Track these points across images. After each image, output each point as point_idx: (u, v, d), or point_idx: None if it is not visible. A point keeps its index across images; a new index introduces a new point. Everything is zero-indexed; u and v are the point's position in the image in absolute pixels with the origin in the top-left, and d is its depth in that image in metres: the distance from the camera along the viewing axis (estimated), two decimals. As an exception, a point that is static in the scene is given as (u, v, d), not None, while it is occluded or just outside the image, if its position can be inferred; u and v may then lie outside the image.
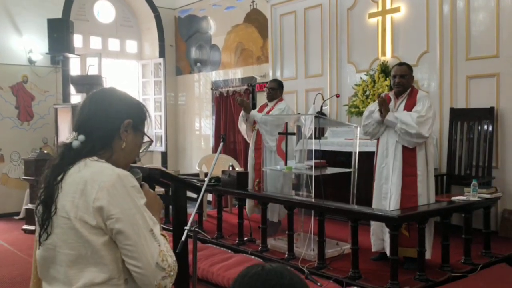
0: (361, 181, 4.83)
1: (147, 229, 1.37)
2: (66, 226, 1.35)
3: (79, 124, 1.48)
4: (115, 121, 1.48)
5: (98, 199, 1.33)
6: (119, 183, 1.36)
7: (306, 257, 4.34)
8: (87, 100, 1.52)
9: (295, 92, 7.27)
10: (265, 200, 4.79)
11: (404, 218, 3.86)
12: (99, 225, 1.33)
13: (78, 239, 1.34)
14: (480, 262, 4.16)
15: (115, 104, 1.50)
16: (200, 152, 9.05)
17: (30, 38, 7.79)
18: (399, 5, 6.06)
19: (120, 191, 1.35)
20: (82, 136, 1.45)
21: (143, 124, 1.57)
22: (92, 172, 1.38)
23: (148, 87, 9.73)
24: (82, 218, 1.33)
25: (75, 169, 1.40)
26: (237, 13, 8.29)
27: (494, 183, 5.03)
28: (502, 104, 5.23)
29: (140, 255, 1.34)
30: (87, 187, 1.35)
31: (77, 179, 1.38)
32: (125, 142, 1.49)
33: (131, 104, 1.55)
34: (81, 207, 1.34)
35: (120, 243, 1.35)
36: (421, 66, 5.83)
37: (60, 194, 1.38)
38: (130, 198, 1.36)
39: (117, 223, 1.33)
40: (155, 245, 1.36)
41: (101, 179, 1.35)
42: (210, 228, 5.61)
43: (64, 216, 1.36)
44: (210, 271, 4.33)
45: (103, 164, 1.42)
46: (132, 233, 1.34)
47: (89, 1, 9.00)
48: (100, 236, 1.34)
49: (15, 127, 7.74)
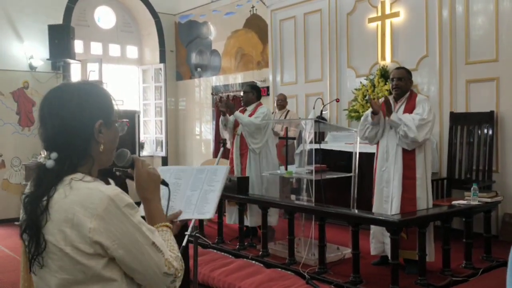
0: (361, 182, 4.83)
1: (149, 244, 1.31)
2: (60, 254, 1.28)
3: (47, 142, 1.36)
4: (86, 129, 1.35)
5: (94, 230, 1.24)
6: (112, 205, 1.27)
7: (307, 262, 4.33)
8: (45, 111, 1.36)
9: (295, 97, 7.29)
10: (266, 205, 4.78)
11: (405, 223, 3.86)
12: (96, 252, 1.27)
13: (75, 265, 1.27)
14: (481, 267, 4.15)
15: (79, 110, 1.34)
16: (200, 156, 9.06)
17: (31, 44, 7.82)
18: (399, 10, 6.09)
19: (115, 214, 1.27)
20: (55, 154, 1.33)
21: (113, 112, 1.43)
22: (81, 198, 1.27)
23: (149, 92, 9.75)
24: (77, 247, 1.26)
25: (61, 194, 1.29)
26: (237, 19, 8.32)
27: (494, 187, 5.03)
28: (502, 108, 5.24)
29: (146, 271, 1.31)
30: (78, 216, 1.25)
31: (65, 206, 1.27)
32: (103, 144, 1.38)
33: (94, 100, 1.38)
34: (74, 237, 1.25)
35: (124, 266, 1.31)
36: (421, 71, 5.84)
37: (48, 223, 1.28)
38: (126, 218, 1.29)
39: (119, 250, 1.27)
40: (159, 256, 1.33)
41: (92, 205, 1.25)
42: (210, 233, 5.61)
43: (55, 245, 1.27)
44: (211, 276, 4.32)
45: (90, 185, 1.30)
46: (135, 254, 1.29)
47: (89, 7, 9.04)
48: (99, 260, 1.28)
49: (16, 133, 7.76)
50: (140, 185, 1.51)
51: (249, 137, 5.32)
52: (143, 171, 1.52)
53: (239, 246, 4.96)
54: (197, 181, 1.91)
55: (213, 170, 1.94)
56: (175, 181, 1.94)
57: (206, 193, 1.86)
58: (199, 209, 1.82)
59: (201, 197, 1.85)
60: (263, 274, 4.21)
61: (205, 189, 1.87)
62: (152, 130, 9.75)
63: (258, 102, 5.54)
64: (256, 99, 5.52)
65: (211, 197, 1.84)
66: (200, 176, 1.93)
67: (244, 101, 5.55)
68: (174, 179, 1.94)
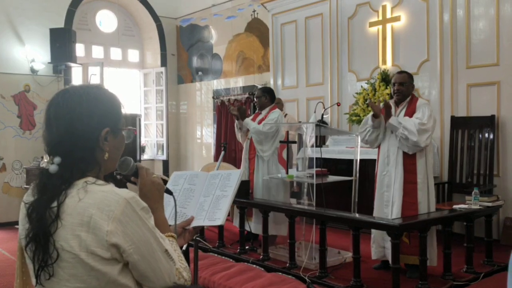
0: (363, 188, 4.83)
1: (162, 251, 1.30)
2: (73, 261, 1.23)
3: (52, 146, 1.32)
4: (92, 136, 1.31)
5: (111, 233, 1.21)
6: (128, 208, 1.25)
7: (308, 266, 4.33)
8: (51, 114, 1.33)
9: (296, 101, 7.29)
10: (267, 209, 4.78)
11: (405, 227, 3.86)
12: (113, 256, 1.24)
13: (89, 272, 1.23)
14: (482, 271, 4.15)
15: (87, 115, 1.31)
16: (201, 160, 9.06)
17: (32, 48, 7.84)
18: (399, 14, 6.09)
19: (132, 217, 1.25)
20: (58, 159, 1.29)
21: (121, 120, 1.39)
22: (96, 201, 1.24)
23: (150, 96, 9.77)
24: (93, 252, 1.22)
25: (74, 198, 1.25)
26: (238, 23, 8.33)
27: (495, 191, 5.02)
28: (503, 112, 5.24)
29: (158, 279, 1.30)
30: (95, 218, 1.22)
31: (79, 209, 1.23)
32: (108, 152, 1.35)
33: (103, 106, 1.35)
34: (90, 241, 1.22)
35: (136, 272, 1.28)
36: (422, 75, 5.85)
37: (59, 229, 1.23)
38: (142, 222, 1.27)
39: (135, 254, 1.25)
40: (171, 264, 1.32)
41: (109, 208, 1.23)
42: (211, 237, 5.60)
43: (69, 251, 1.23)
44: (212, 280, 4.32)
45: (104, 188, 1.27)
46: (149, 260, 1.27)
47: (91, 11, 9.07)
48: (115, 265, 1.25)
49: (17, 136, 7.77)
50: (144, 194, 1.47)
51: (258, 145, 5.23)
52: (147, 180, 1.49)
53: (239, 250, 4.95)
54: (210, 186, 1.86)
55: (227, 175, 1.89)
56: (189, 186, 1.89)
57: (218, 198, 1.81)
58: (210, 216, 1.77)
59: (213, 203, 1.80)
60: (264, 278, 4.21)
61: (218, 194, 1.83)
62: (153, 133, 9.76)
63: (272, 105, 5.40)
64: (269, 102, 5.38)
65: (222, 202, 1.80)
66: (213, 181, 1.88)
67: (258, 106, 5.43)
68: (188, 184, 1.90)
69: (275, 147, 5.32)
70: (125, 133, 1.43)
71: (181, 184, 1.91)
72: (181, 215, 1.78)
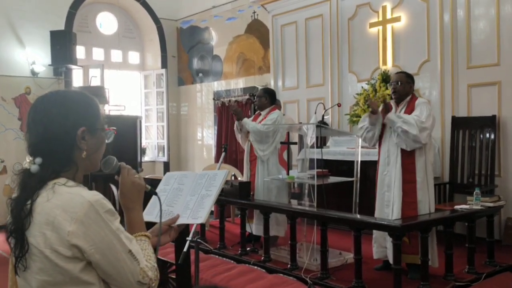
0: (364, 189, 4.82)
1: (125, 251, 1.35)
2: (40, 256, 1.32)
3: (32, 147, 1.40)
4: (68, 136, 1.39)
5: (72, 234, 1.28)
6: (92, 211, 1.31)
7: (309, 267, 4.32)
8: (30, 119, 1.41)
9: (296, 102, 7.29)
10: (268, 210, 4.77)
11: (407, 227, 3.85)
12: (74, 255, 1.31)
13: (54, 267, 1.31)
14: (484, 271, 4.13)
15: (62, 116, 1.38)
16: (202, 162, 9.06)
17: (33, 50, 7.85)
18: (400, 15, 6.09)
19: (94, 219, 1.31)
20: (39, 159, 1.38)
21: (98, 120, 1.46)
22: (62, 202, 1.31)
23: (151, 98, 9.77)
24: (56, 250, 1.30)
25: (43, 198, 1.33)
26: (239, 24, 8.34)
27: (497, 192, 5.01)
28: (504, 112, 5.23)
29: (121, 278, 1.35)
30: (58, 219, 1.29)
31: (47, 209, 1.31)
32: (85, 151, 1.41)
33: (79, 107, 1.42)
34: (53, 240, 1.30)
35: (100, 271, 1.34)
36: (422, 75, 5.84)
37: (31, 225, 1.32)
38: (105, 224, 1.32)
39: (96, 254, 1.31)
40: (134, 264, 1.37)
41: (73, 209, 1.30)
42: (212, 238, 5.59)
43: (36, 247, 1.32)
44: (213, 282, 4.31)
45: (72, 190, 1.35)
46: (111, 260, 1.33)
47: (91, 13, 9.08)
48: (76, 263, 1.32)
49: (17, 139, 7.77)
50: (123, 193, 1.54)
51: (256, 144, 5.22)
52: (127, 180, 1.54)
53: (241, 251, 4.95)
54: (197, 186, 1.93)
55: (213, 175, 1.96)
56: (178, 186, 1.96)
57: (203, 197, 1.88)
58: (194, 214, 1.83)
59: (198, 202, 1.87)
60: (265, 280, 4.20)
61: (203, 193, 1.89)
62: (154, 135, 9.77)
63: (272, 106, 5.40)
64: (269, 103, 5.37)
65: (206, 202, 1.85)
66: (200, 181, 1.94)
67: (257, 105, 5.43)
68: (178, 184, 1.97)
69: (274, 148, 5.30)
70: (105, 133, 1.49)
71: (171, 183, 1.98)
72: (168, 213, 1.84)
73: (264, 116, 5.33)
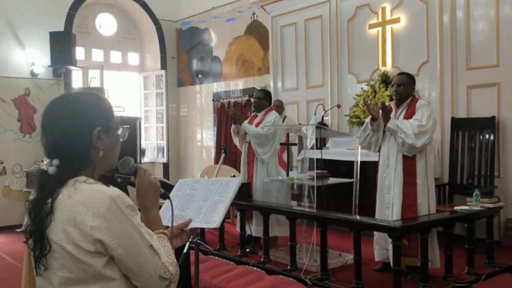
0: (364, 190, 4.82)
1: (146, 246, 1.37)
2: (62, 252, 1.34)
3: (48, 149, 1.43)
4: (85, 136, 1.41)
5: (95, 228, 1.30)
6: (113, 206, 1.33)
7: (309, 268, 4.32)
8: (45, 122, 1.44)
9: (296, 103, 7.29)
10: (267, 211, 4.77)
11: (407, 229, 3.85)
12: (98, 250, 1.32)
13: (76, 263, 1.33)
14: (484, 272, 4.13)
15: (77, 118, 1.41)
16: (201, 163, 9.06)
17: (32, 51, 7.85)
18: (399, 16, 6.10)
19: (116, 214, 1.33)
20: (56, 161, 1.40)
21: (113, 120, 1.49)
22: (84, 198, 1.34)
23: (150, 99, 9.77)
24: (79, 245, 1.32)
25: (65, 195, 1.35)
26: (238, 25, 8.34)
27: (496, 193, 5.01)
28: (503, 113, 5.24)
29: (143, 272, 1.37)
30: (81, 214, 1.31)
31: (68, 205, 1.34)
32: (102, 150, 1.44)
33: (92, 108, 1.45)
34: (76, 235, 1.32)
35: (122, 266, 1.36)
36: (422, 76, 5.84)
37: (52, 223, 1.34)
38: (127, 218, 1.35)
39: (118, 249, 1.33)
40: (156, 259, 1.38)
41: (95, 205, 1.32)
42: (212, 240, 5.59)
43: (58, 243, 1.34)
44: (213, 283, 4.31)
45: (93, 186, 1.37)
46: (133, 254, 1.35)
47: (91, 14, 9.08)
48: (100, 258, 1.33)
49: (17, 140, 7.77)
50: (140, 193, 1.56)
51: (257, 147, 5.22)
52: (144, 180, 1.57)
53: (240, 252, 4.95)
54: (210, 192, 1.98)
55: (226, 182, 2.01)
56: (190, 192, 2.03)
57: (216, 203, 1.92)
58: (207, 218, 1.88)
59: (211, 207, 1.92)
60: (265, 281, 4.20)
61: (216, 199, 1.94)
62: (153, 136, 9.77)
63: (269, 107, 5.46)
64: (267, 105, 5.46)
65: (219, 207, 1.90)
66: (213, 187, 2.00)
67: (256, 107, 5.45)
68: (190, 190, 2.04)
69: (274, 149, 5.32)
70: (120, 132, 1.53)
71: (183, 189, 2.06)
72: (180, 218, 1.88)
73: (262, 117, 5.35)
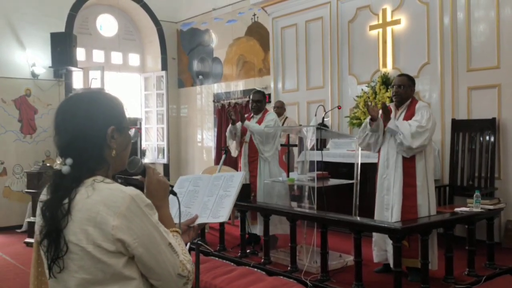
0: (364, 191, 4.82)
1: (165, 244, 1.38)
2: (81, 253, 1.32)
3: (62, 149, 1.41)
4: (99, 135, 1.41)
5: (117, 228, 1.30)
6: (134, 204, 1.33)
7: (309, 269, 4.31)
8: (59, 120, 1.42)
9: (296, 104, 7.30)
10: (268, 212, 4.77)
11: (407, 230, 3.85)
12: (118, 250, 1.32)
13: (96, 264, 1.32)
14: (484, 274, 4.13)
15: (91, 117, 1.40)
16: (202, 164, 9.06)
17: (33, 52, 7.86)
18: (400, 17, 6.10)
19: (136, 213, 1.33)
20: (70, 160, 1.38)
21: (125, 119, 1.49)
22: (103, 197, 1.33)
23: (151, 100, 9.78)
24: (99, 245, 1.31)
25: (83, 195, 1.34)
26: (239, 26, 8.35)
27: (497, 194, 5.01)
28: (504, 115, 5.24)
29: (162, 271, 1.37)
30: (102, 214, 1.30)
31: (88, 205, 1.32)
32: (115, 149, 1.44)
33: (106, 107, 1.45)
34: (97, 235, 1.30)
35: (141, 265, 1.36)
36: (422, 78, 5.85)
37: (69, 224, 1.32)
38: (146, 217, 1.35)
39: (140, 248, 1.33)
40: (174, 257, 1.39)
41: (115, 204, 1.31)
42: (212, 241, 5.59)
43: (77, 244, 1.32)
44: (213, 284, 4.31)
45: (111, 186, 1.36)
46: (153, 253, 1.35)
47: (92, 15, 9.09)
48: (120, 258, 1.33)
49: (18, 140, 7.77)
50: (150, 192, 1.56)
51: (261, 145, 5.27)
52: (153, 179, 1.58)
53: (241, 253, 4.95)
54: (214, 187, 1.99)
55: (230, 177, 2.02)
56: (193, 188, 2.02)
57: (222, 198, 1.93)
58: (214, 213, 1.89)
59: (217, 202, 1.92)
60: (265, 282, 4.20)
61: (221, 194, 1.95)
62: (154, 137, 9.77)
63: (265, 109, 5.55)
64: (265, 106, 5.57)
65: (226, 201, 1.91)
66: (216, 182, 2.00)
67: (255, 109, 5.48)
68: (193, 186, 2.03)
69: (276, 148, 5.39)
70: (131, 132, 1.53)
71: (186, 186, 2.05)
72: (186, 214, 1.88)
73: (260, 118, 5.40)
